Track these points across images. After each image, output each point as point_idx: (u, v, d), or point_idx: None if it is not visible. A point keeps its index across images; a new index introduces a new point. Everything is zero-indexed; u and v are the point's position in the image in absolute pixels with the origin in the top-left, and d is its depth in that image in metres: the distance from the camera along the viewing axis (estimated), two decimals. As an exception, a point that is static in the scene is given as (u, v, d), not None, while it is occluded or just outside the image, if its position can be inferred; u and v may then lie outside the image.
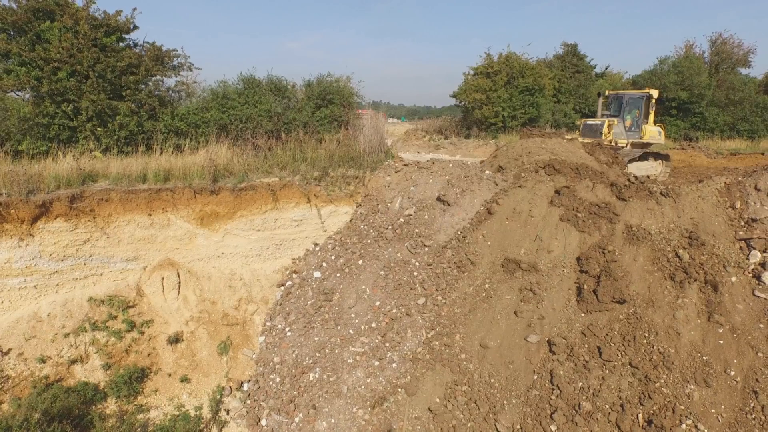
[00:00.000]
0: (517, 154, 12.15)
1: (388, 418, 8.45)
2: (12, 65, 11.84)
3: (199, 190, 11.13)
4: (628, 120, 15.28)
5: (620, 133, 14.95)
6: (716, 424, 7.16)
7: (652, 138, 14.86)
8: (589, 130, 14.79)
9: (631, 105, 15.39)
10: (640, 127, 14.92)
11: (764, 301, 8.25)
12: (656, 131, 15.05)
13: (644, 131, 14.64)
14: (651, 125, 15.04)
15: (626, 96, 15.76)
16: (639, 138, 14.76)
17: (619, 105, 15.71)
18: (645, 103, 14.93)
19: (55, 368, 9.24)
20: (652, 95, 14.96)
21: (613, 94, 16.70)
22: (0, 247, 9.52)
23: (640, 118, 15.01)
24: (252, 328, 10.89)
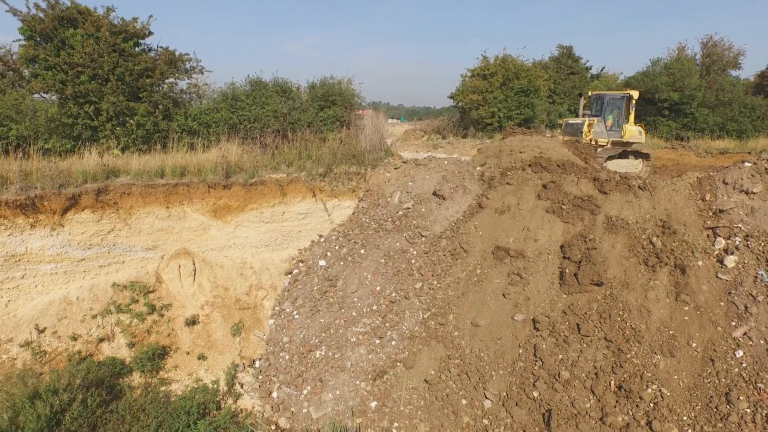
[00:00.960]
0: (499, 151, 13.17)
1: (388, 388, 9.44)
2: (39, 69, 12.83)
3: (213, 185, 12.13)
4: (609, 120, 16.12)
5: (601, 132, 15.82)
6: (677, 388, 8.16)
7: (633, 137, 15.73)
8: (571, 129, 15.74)
9: (611, 105, 16.22)
10: (620, 126, 15.78)
11: (725, 282, 9.26)
12: (637, 131, 15.96)
13: (625, 131, 15.53)
14: (631, 125, 15.93)
15: (607, 97, 16.60)
16: (620, 137, 15.62)
17: (600, 105, 16.54)
18: (625, 103, 15.81)
19: (86, 345, 10.23)
20: (632, 96, 15.86)
21: (595, 95, 17.56)
22: (34, 236, 10.51)
23: (620, 118, 15.88)
24: (262, 311, 11.88)
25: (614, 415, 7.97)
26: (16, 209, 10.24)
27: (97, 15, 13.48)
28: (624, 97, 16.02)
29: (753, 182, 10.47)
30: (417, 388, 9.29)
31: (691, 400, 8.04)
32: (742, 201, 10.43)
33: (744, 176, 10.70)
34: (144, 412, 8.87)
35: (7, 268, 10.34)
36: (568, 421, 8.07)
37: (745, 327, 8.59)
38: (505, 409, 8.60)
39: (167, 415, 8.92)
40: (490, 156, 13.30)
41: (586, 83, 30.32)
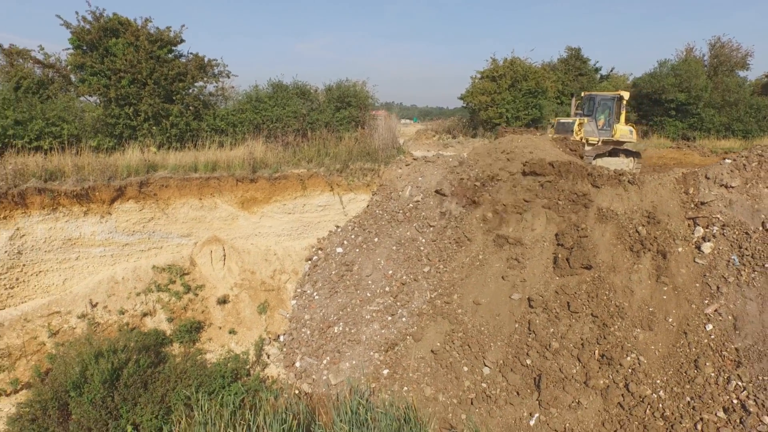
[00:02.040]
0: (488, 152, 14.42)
1: (399, 358, 10.83)
2: (86, 75, 14.45)
3: (241, 179, 13.62)
4: (600, 119, 17.02)
5: (592, 131, 16.72)
6: (654, 357, 9.42)
7: (623, 136, 16.70)
8: (562, 128, 16.77)
9: (602, 106, 17.11)
10: (611, 126, 16.71)
11: (701, 266, 10.48)
12: (627, 130, 16.95)
13: (615, 130, 16.50)
14: (622, 125, 16.94)
15: (598, 97, 17.49)
16: (610, 136, 16.57)
17: (591, 105, 17.43)
18: (616, 104, 16.78)
19: (132, 318, 11.77)
20: (623, 97, 16.83)
21: (587, 96, 18.45)
22: (87, 222, 12.09)
23: (611, 118, 16.82)
24: (285, 293, 13.33)
25: (597, 378, 9.26)
26: (73, 198, 11.84)
27: (135, 25, 15.07)
28: (615, 98, 16.99)
29: (732, 177, 11.66)
30: (424, 357, 10.66)
31: (664, 366, 9.29)
32: (722, 194, 11.62)
33: (724, 172, 11.89)
34: (185, 374, 10.33)
35: (65, 250, 11.94)
36: (556, 384, 9.38)
37: (716, 304, 9.82)
38: (502, 374, 9.94)
39: (205, 377, 10.38)
40: (482, 155, 14.54)
41: (595, 84, 31.40)
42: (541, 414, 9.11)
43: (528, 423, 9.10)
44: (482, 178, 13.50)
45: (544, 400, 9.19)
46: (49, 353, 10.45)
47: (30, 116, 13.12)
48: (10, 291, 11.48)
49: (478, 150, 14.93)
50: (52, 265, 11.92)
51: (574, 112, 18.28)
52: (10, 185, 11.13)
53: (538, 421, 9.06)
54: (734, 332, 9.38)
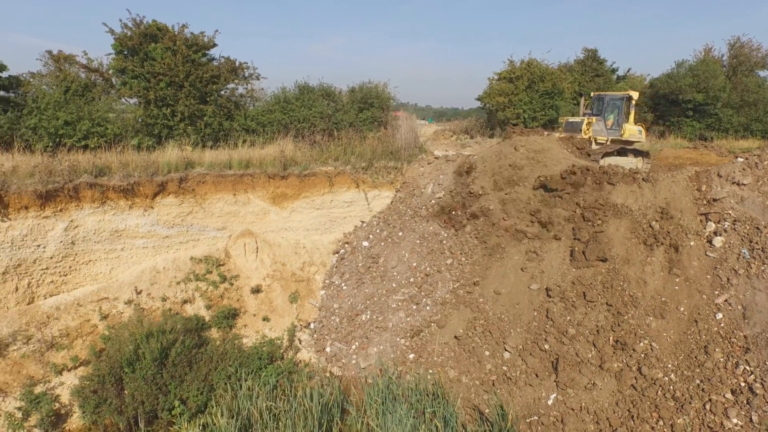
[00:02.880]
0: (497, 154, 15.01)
1: (424, 344, 11.66)
2: (127, 78, 15.56)
3: (272, 176, 14.58)
4: (609, 119, 17.28)
5: (600, 130, 16.99)
6: (665, 343, 10.11)
7: (632, 136, 16.95)
8: (570, 127, 17.18)
9: (611, 105, 17.37)
10: (620, 125, 16.96)
11: (713, 259, 11.14)
12: (636, 130, 17.21)
13: (624, 129, 16.76)
14: (631, 124, 17.19)
15: (607, 97, 17.79)
16: (619, 136, 16.83)
17: (601, 105, 17.70)
18: (625, 103, 17.05)
19: (173, 305, 12.76)
20: (632, 97, 17.14)
21: (596, 95, 18.73)
22: (131, 215, 13.14)
23: (620, 118, 17.06)
24: (314, 284, 14.24)
25: (611, 362, 9.99)
26: (120, 193, 12.89)
27: (173, 31, 16.15)
28: (624, 97, 17.30)
29: (744, 175, 12.29)
30: (448, 343, 11.48)
31: (675, 352, 9.98)
32: (734, 191, 12.25)
33: (736, 170, 12.52)
34: (226, 356, 11.30)
35: (111, 241, 13.00)
36: (573, 367, 10.13)
37: (726, 295, 10.48)
38: (521, 358, 10.71)
39: (244, 359, 11.33)
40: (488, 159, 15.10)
41: (611, 85, 31.85)
42: (559, 394, 9.87)
43: (546, 402, 9.87)
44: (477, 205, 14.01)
45: (562, 381, 9.94)
46: (103, 334, 11.48)
47: (78, 117, 14.25)
48: (64, 278, 12.57)
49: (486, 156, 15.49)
50: (100, 255, 12.99)
51: (583, 111, 18.62)
52: (66, 180, 12.22)
53: (555, 400, 9.82)
54: (743, 321, 10.02)
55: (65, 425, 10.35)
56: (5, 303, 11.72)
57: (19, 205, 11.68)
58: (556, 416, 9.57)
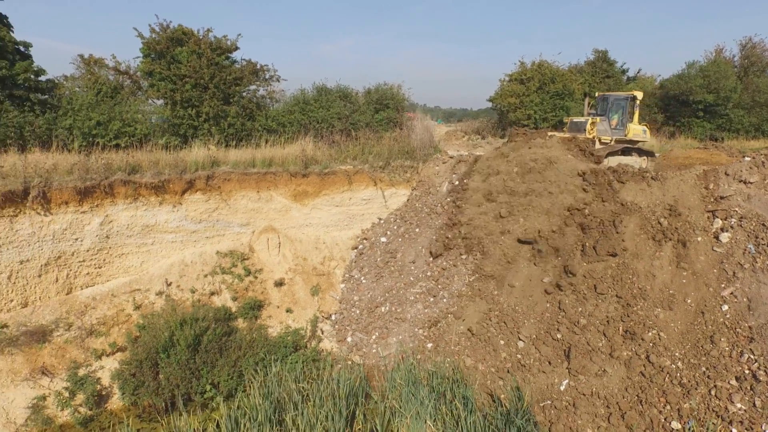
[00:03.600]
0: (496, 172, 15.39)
1: (441, 333, 12.31)
2: (155, 80, 16.38)
3: (294, 174, 15.31)
4: (614, 119, 17.51)
5: (604, 130, 17.22)
6: (673, 333, 10.69)
7: (636, 136, 17.24)
8: (575, 126, 17.55)
9: (616, 105, 17.59)
10: (624, 125, 17.24)
11: (719, 254, 11.69)
12: (641, 129, 17.52)
13: (629, 129, 17.07)
14: (636, 124, 17.49)
15: (611, 97, 18.04)
16: (623, 135, 17.11)
17: (605, 105, 17.95)
18: (630, 103, 17.34)
19: (202, 296, 13.52)
20: (636, 97, 17.44)
21: (601, 96, 19.00)
22: (161, 211, 13.92)
23: (625, 118, 17.34)
24: (334, 278, 14.94)
25: (620, 350, 10.58)
26: (151, 190, 13.68)
27: (197, 35, 16.95)
28: (628, 97, 17.57)
29: (751, 174, 12.83)
30: (464, 333, 12.12)
31: (682, 341, 10.56)
32: (741, 189, 12.80)
33: (743, 169, 13.06)
34: (253, 344, 12.03)
35: (143, 235, 13.79)
36: (584, 355, 10.73)
37: (732, 288, 11.03)
38: (535, 347, 11.34)
39: (270, 347, 12.06)
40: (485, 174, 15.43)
41: (622, 86, 32.32)
42: (571, 380, 10.48)
43: (559, 388, 10.48)
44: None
45: (574, 368, 10.55)
46: (138, 323, 12.25)
47: (109, 118, 15.08)
48: (99, 270, 13.38)
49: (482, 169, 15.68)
50: (132, 248, 13.78)
51: (587, 111, 18.94)
52: (102, 177, 13.02)
53: (567, 386, 10.43)
54: (748, 312, 10.56)
55: (107, 405, 11.12)
56: (47, 293, 12.54)
57: (60, 201, 12.49)
58: (568, 401, 10.18)
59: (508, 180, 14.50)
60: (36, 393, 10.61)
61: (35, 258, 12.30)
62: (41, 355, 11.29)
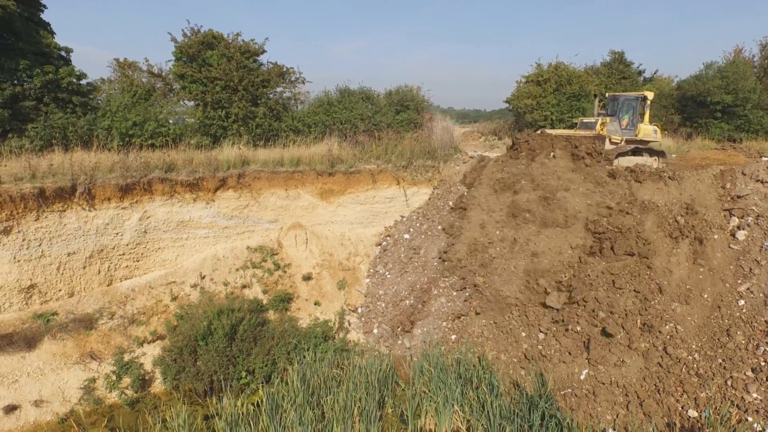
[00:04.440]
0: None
1: (464, 326, 12.91)
2: (186, 83, 17.21)
3: (321, 173, 16.01)
4: (624, 119, 17.68)
5: (615, 130, 17.37)
6: (690, 326, 11.19)
7: (647, 135, 17.40)
8: (585, 127, 17.87)
9: (626, 106, 17.80)
10: (635, 125, 17.40)
11: (736, 251, 12.16)
12: (651, 129, 17.69)
13: (639, 129, 17.24)
14: (646, 124, 17.67)
15: (621, 98, 18.26)
16: (634, 135, 17.26)
17: (615, 105, 18.17)
18: (640, 104, 17.52)
19: (234, 289, 14.26)
20: (647, 97, 17.64)
21: (611, 96, 19.23)
22: (195, 208, 14.70)
23: (635, 118, 17.51)
24: (359, 273, 15.61)
25: (638, 342, 11.10)
26: (186, 187, 14.46)
27: (227, 39, 17.75)
28: (639, 98, 17.75)
29: (767, 173, 13.27)
30: (487, 325, 12.72)
31: (699, 334, 11.05)
32: (758, 189, 13.24)
33: (760, 169, 13.50)
34: (285, 334, 12.72)
35: (178, 231, 14.58)
36: (603, 347, 11.27)
37: (748, 284, 11.50)
38: (555, 338, 11.90)
39: (301, 337, 12.75)
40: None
41: (638, 87, 32.62)
42: (590, 370, 11.02)
43: (579, 377, 11.03)
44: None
45: (593, 358, 11.10)
46: (176, 312, 13.03)
47: (144, 119, 15.92)
48: (137, 263, 14.19)
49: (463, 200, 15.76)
50: (168, 243, 14.58)
51: (597, 112, 19.20)
52: (141, 175, 13.83)
53: (587, 375, 10.98)
54: (764, 307, 11.02)
55: (150, 389, 11.89)
56: (90, 284, 13.38)
57: (103, 197, 13.32)
58: (588, 389, 10.73)
59: (498, 227, 14.63)
60: (86, 375, 11.42)
61: (80, 250, 13.14)
62: (89, 341, 12.11)
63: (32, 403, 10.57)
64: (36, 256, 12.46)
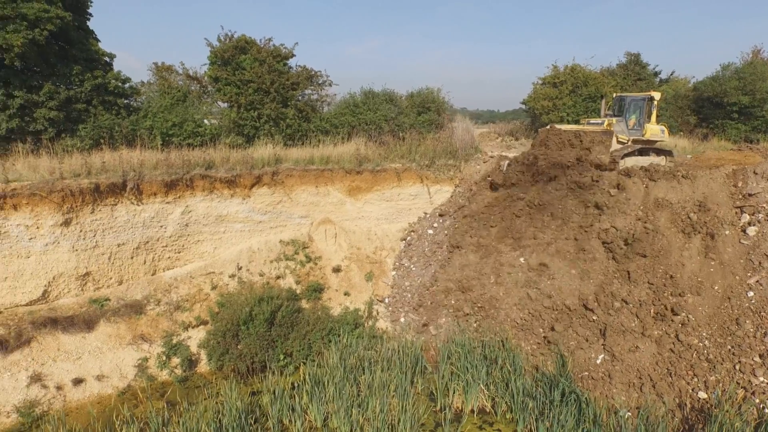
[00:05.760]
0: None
1: (486, 315, 13.88)
2: (221, 86, 18.39)
3: (349, 171, 17.09)
4: (631, 119, 18.13)
5: (622, 130, 17.83)
6: (701, 315, 12.05)
7: (654, 135, 17.79)
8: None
9: (633, 106, 18.26)
10: (642, 126, 17.79)
11: (746, 246, 12.99)
12: (659, 129, 18.08)
13: (646, 130, 17.61)
14: (653, 124, 18.04)
15: (628, 98, 18.75)
16: (641, 135, 17.65)
17: (622, 106, 18.70)
18: (647, 104, 17.95)
19: (269, 280, 15.39)
20: (653, 98, 18.16)
21: (617, 97, 19.76)
22: (232, 203, 15.85)
23: (642, 118, 17.89)
24: (386, 266, 16.65)
25: (652, 330, 12.00)
26: (224, 183, 15.61)
27: (259, 44, 18.91)
28: (645, 98, 18.20)
29: (777, 173, 14.07)
30: (509, 314, 13.68)
31: (710, 323, 11.91)
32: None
33: (771, 169, 14.30)
34: (319, 321, 13.80)
35: (216, 224, 15.74)
36: (619, 334, 12.18)
37: (757, 276, 12.33)
38: (572, 328, 12.83)
39: (334, 324, 13.83)
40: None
41: (654, 88, 33.28)
42: (606, 355, 11.95)
43: (595, 362, 11.96)
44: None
45: (609, 345, 12.02)
46: (218, 300, 14.18)
47: (183, 119, 17.11)
48: (178, 255, 15.37)
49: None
50: (207, 236, 15.75)
51: (604, 113, 19.65)
52: (183, 172, 15.00)
53: (603, 360, 11.90)
54: (772, 298, 11.86)
55: (196, 369, 13.05)
56: (137, 273, 14.59)
57: (149, 192, 14.50)
58: (604, 372, 11.65)
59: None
60: (139, 355, 12.61)
61: (129, 242, 14.34)
62: (139, 324, 13.30)
63: (95, 378, 11.78)
64: (91, 246, 13.67)
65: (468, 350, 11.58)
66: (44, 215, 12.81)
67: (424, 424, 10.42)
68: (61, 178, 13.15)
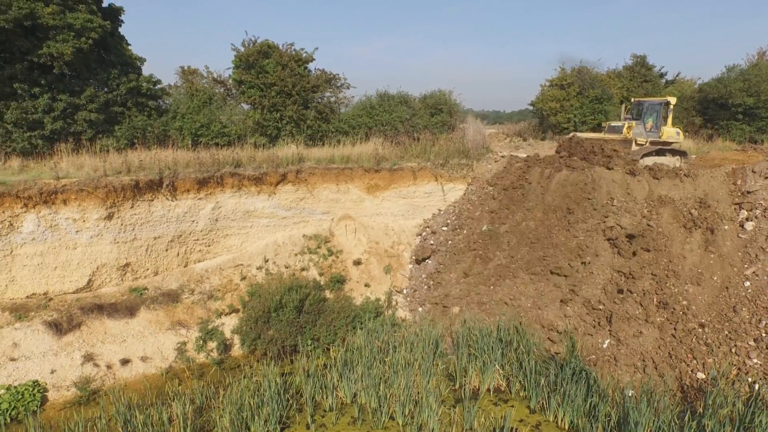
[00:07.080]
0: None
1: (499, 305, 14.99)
2: (245, 88, 19.58)
3: (368, 170, 18.21)
4: (648, 122, 19.55)
5: (640, 133, 19.27)
6: (700, 304, 13.11)
7: (670, 137, 19.23)
8: (612, 130, 19.91)
9: (650, 110, 19.68)
10: (659, 128, 19.25)
11: (744, 240, 14.04)
12: (674, 132, 19.52)
13: (663, 132, 19.07)
14: (669, 127, 19.50)
15: (646, 103, 20.16)
16: (658, 137, 19.09)
17: (640, 110, 20.09)
18: (663, 108, 19.40)
19: (294, 271, 16.52)
20: (669, 102, 19.49)
21: (636, 101, 21.17)
22: (259, 199, 17.00)
23: (659, 121, 19.36)
24: (403, 259, 17.77)
25: (654, 317, 13.07)
26: (251, 181, 16.76)
27: (281, 49, 20.09)
28: (662, 103, 19.65)
29: (775, 172, 15.12)
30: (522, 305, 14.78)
31: (708, 311, 12.97)
32: (766, 185, 15.09)
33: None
34: (343, 309, 14.93)
35: (243, 219, 16.89)
36: (624, 321, 13.25)
37: (754, 268, 13.38)
38: (579, 317, 13.92)
39: (357, 312, 14.95)
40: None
41: (660, 90, 34.29)
42: (612, 340, 13.03)
43: (602, 346, 13.04)
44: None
45: (614, 330, 13.10)
46: (248, 290, 15.32)
47: (210, 120, 18.30)
48: (208, 248, 16.53)
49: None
50: (235, 230, 16.90)
51: (623, 116, 21.13)
52: (214, 170, 16.17)
53: (609, 344, 12.98)
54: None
55: (230, 353, 14.20)
56: (170, 265, 15.75)
57: (183, 189, 15.66)
58: (609, 355, 12.73)
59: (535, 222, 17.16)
60: (178, 339, 13.77)
61: (164, 235, 15.50)
62: (176, 312, 14.46)
63: (140, 359, 12.94)
64: (130, 239, 14.84)
65: (484, 334, 12.68)
66: (90, 209, 13.98)
67: (444, 401, 11.52)
68: (104, 175, 14.32)
